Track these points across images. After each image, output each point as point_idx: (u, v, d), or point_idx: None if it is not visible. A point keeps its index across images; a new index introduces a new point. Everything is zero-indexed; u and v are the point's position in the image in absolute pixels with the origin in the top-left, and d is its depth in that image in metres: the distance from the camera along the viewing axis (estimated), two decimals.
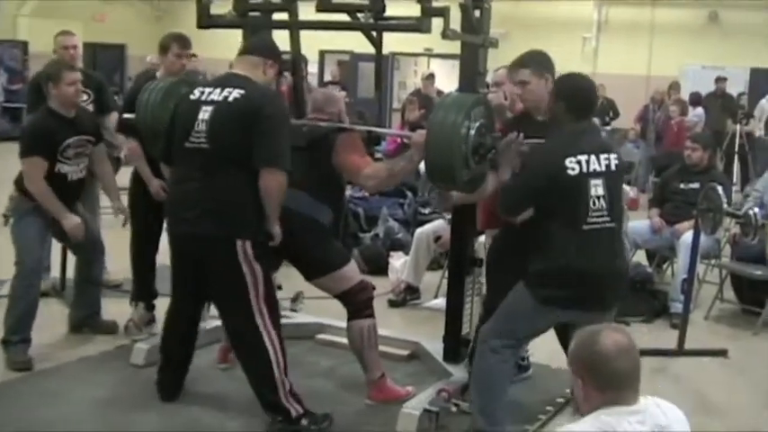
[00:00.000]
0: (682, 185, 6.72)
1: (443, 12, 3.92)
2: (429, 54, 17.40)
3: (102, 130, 5.23)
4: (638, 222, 6.91)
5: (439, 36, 3.96)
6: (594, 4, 16.80)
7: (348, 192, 6.90)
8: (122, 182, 5.45)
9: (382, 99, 5.02)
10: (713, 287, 6.62)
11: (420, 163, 4.13)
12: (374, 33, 4.50)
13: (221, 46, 8.88)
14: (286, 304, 5.17)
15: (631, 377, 2.28)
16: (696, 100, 13.49)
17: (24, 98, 7.79)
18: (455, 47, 4.30)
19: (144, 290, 5.30)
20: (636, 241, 6.78)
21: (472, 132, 3.81)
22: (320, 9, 4.34)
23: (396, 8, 4.23)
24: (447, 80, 13.76)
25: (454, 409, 4.13)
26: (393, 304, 6.31)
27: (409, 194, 8.46)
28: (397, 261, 6.79)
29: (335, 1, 4.40)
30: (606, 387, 2.27)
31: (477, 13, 4.22)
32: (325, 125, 4.30)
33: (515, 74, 4.09)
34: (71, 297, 5.39)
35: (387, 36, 4.50)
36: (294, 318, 5.31)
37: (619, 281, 3.78)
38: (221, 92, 3.86)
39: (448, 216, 5.65)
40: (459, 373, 4.39)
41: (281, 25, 4.67)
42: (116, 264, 5.91)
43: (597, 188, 3.58)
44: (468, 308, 4.55)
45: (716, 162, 9.39)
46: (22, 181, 4.81)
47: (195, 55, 5.28)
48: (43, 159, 4.70)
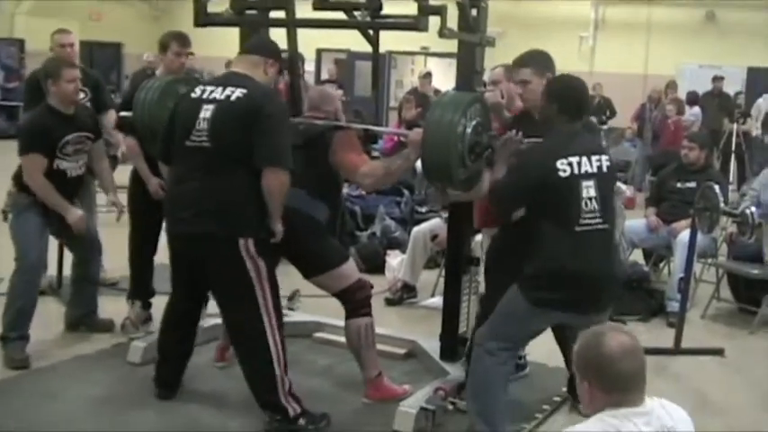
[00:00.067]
0: (678, 184, 6.72)
1: (440, 10, 3.92)
2: (426, 53, 17.38)
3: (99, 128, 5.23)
4: (634, 221, 6.91)
5: (436, 35, 3.96)
6: (592, 3, 16.79)
7: (345, 190, 6.91)
8: (119, 180, 5.45)
9: (379, 98, 5.01)
10: (710, 286, 6.63)
11: (417, 161, 4.13)
12: (371, 32, 4.50)
13: (217, 44, 8.87)
14: (283, 302, 5.15)
15: (636, 378, 2.27)
16: (693, 99, 13.51)
17: (21, 96, 7.79)
18: (452, 45, 4.30)
19: (141, 288, 5.30)
20: (633, 240, 6.78)
21: (469, 131, 3.82)
22: (317, 7, 4.34)
23: (393, 6, 4.23)
24: (444, 79, 13.73)
25: (451, 408, 4.13)
26: (390, 303, 6.31)
27: (406, 193, 8.46)
28: (394, 259, 6.79)
29: None
30: (611, 389, 2.26)
31: (474, 12, 4.22)
32: (321, 123, 4.30)
33: (516, 73, 4.10)
34: (68, 295, 5.38)
35: (384, 34, 4.50)
36: (291, 316, 5.29)
37: (613, 282, 3.78)
38: (223, 91, 3.85)
39: (445, 215, 5.66)
40: (455, 372, 4.38)
41: (278, 23, 4.66)
42: (113, 262, 5.91)
43: (589, 190, 3.57)
44: (464, 306, 4.54)
45: (713, 161, 9.41)
46: (20, 177, 4.81)
47: (192, 53, 5.27)
48: (42, 156, 4.69)
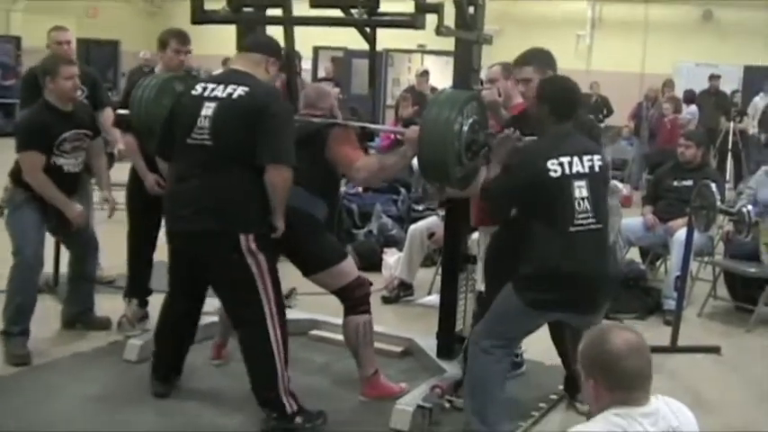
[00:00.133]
0: (675, 183, 6.73)
1: (437, 8, 3.91)
2: (423, 51, 17.40)
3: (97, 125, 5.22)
4: (631, 219, 6.91)
5: (433, 32, 3.95)
6: (589, 2, 16.82)
7: (342, 188, 6.91)
8: (116, 177, 5.44)
9: (376, 96, 5.00)
10: (706, 284, 6.64)
11: (413, 159, 4.14)
12: (368, 29, 4.50)
13: (214, 42, 8.85)
14: None
15: (642, 376, 2.26)
16: (690, 97, 13.53)
17: (18, 94, 7.77)
18: (449, 43, 4.30)
19: (138, 286, 5.30)
20: (629, 238, 6.78)
21: (465, 129, 3.82)
22: (314, 5, 4.34)
23: (389, 4, 4.23)
24: (441, 77, 13.73)
25: (448, 406, 4.14)
26: (386, 301, 6.31)
27: (403, 191, 8.46)
28: (391, 257, 6.79)
29: None
30: (617, 387, 2.25)
31: (471, 10, 4.21)
32: (318, 121, 4.29)
33: (518, 71, 4.11)
34: (64, 293, 5.37)
35: (380, 32, 4.50)
36: (287, 314, 5.29)
37: (607, 282, 3.78)
38: (225, 88, 3.83)
39: (441, 213, 5.65)
40: (452, 370, 4.38)
41: (275, 21, 4.66)
42: (109, 260, 5.91)
43: (581, 190, 3.58)
44: (461, 304, 4.54)
45: (709, 159, 9.41)
46: (17, 172, 4.80)
47: (190, 51, 5.27)
48: (40, 153, 4.68)
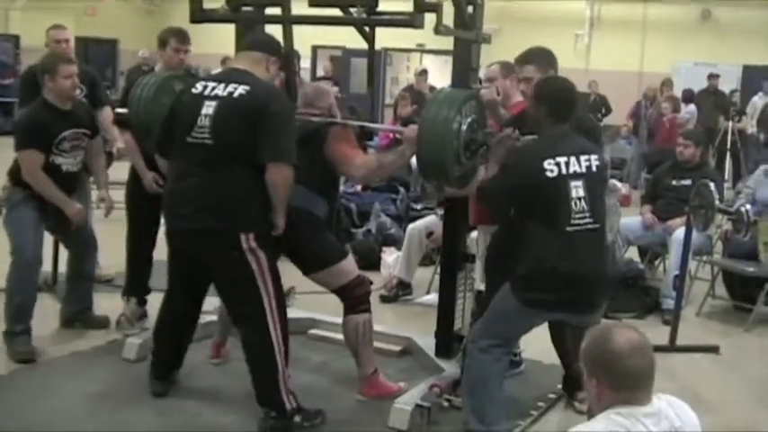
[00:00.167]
0: (674, 182, 6.73)
1: (436, 7, 3.91)
2: (421, 50, 17.41)
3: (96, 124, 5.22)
4: (630, 219, 6.90)
5: (432, 32, 3.95)
6: (587, 1, 16.84)
7: (341, 187, 6.91)
8: (114, 176, 5.43)
9: (374, 95, 5.01)
10: (705, 284, 6.64)
11: (411, 158, 4.14)
12: (367, 29, 4.50)
13: (213, 41, 8.85)
14: None
15: (645, 376, 2.26)
16: (688, 97, 13.53)
17: (16, 92, 7.76)
18: (448, 42, 4.30)
19: (136, 285, 5.30)
20: (628, 238, 6.77)
21: (464, 128, 3.82)
22: (313, 4, 4.33)
23: (388, 3, 4.23)
24: (440, 76, 13.75)
25: (446, 405, 4.14)
26: (385, 300, 6.31)
27: (401, 190, 8.47)
28: (390, 256, 6.79)
29: None
30: (619, 386, 2.24)
31: (469, 9, 4.22)
32: (317, 120, 4.29)
33: (520, 70, 4.13)
34: (63, 292, 5.37)
35: (379, 31, 4.49)
36: (287, 313, 5.29)
37: (605, 282, 3.78)
38: (225, 87, 3.82)
39: (440, 212, 5.66)
40: (450, 369, 4.39)
41: (274, 20, 4.65)
42: (108, 259, 5.90)
43: (578, 190, 3.58)
44: (460, 303, 4.55)
45: (708, 159, 9.43)
46: (15, 171, 4.80)
47: (189, 50, 5.27)
48: (39, 152, 4.68)
